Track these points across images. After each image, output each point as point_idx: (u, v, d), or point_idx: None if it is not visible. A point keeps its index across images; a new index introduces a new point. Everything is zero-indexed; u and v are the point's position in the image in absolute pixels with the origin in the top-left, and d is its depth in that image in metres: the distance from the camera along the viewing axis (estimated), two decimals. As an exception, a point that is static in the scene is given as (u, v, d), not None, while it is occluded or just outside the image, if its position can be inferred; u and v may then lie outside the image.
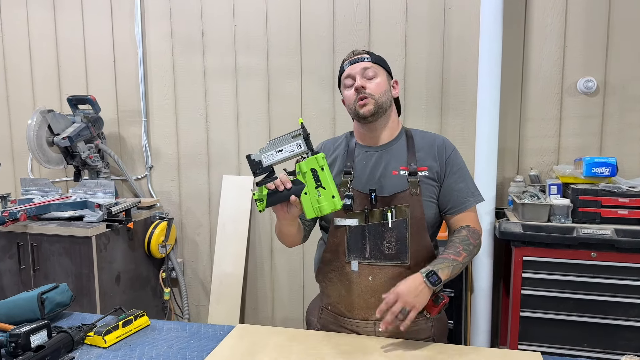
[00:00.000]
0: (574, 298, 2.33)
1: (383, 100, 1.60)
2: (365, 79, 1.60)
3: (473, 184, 1.66)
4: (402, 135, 1.68)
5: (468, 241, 1.55)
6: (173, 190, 3.31)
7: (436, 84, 2.81)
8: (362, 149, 1.67)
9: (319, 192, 1.39)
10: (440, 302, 1.51)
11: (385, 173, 1.61)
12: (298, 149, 1.39)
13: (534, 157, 2.76)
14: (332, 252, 1.64)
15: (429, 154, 1.64)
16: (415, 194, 1.57)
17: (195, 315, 3.36)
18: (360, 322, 1.61)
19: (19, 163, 3.55)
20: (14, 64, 3.47)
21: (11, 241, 2.73)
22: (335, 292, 1.65)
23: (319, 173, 1.38)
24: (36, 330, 1.39)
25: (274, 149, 1.40)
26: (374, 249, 1.58)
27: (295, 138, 1.39)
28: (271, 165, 1.42)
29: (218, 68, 3.13)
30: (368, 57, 1.62)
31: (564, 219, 2.38)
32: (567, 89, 2.68)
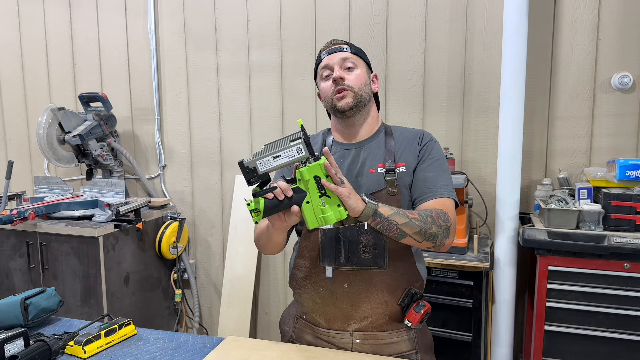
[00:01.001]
0: (604, 312, 2.15)
1: (362, 93, 1.49)
2: (344, 69, 1.49)
3: (446, 179, 1.49)
4: (381, 132, 1.57)
5: (429, 213, 1.38)
6: (186, 190, 3.24)
7: (458, 80, 2.65)
8: (338, 146, 1.56)
9: (323, 201, 1.26)
10: (422, 310, 1.40)
11: (361, 171, 1.50)
12: (298, 154, 1.26)
13: (563, 158, 2.56)
14: (304, 257, 1.53)
15: (407, 149, 1.52)
16: (393, 194, 1.45)
17: (207, 318, 3.29)
18: (337, 333, 1.49)
19: (36, 161, 3.56)
20: (31, 63, 3.48)
21: (21, 240, 2.71)
22: (310, 301, 1.53)
23: (324, 180, 1.26)
24: (12, 338, 1.31)
25: (270, 155, 1.27)
26: (349, 253, 1.46)
27: (294, 142, 1.25)
28: (267, 173, 1.29)
29: (231, 65, 3.04)
30: (347, 47, 1.52)
31: (594, 226, 2.19)
32: (600, 85, 2.48)
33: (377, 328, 1.47)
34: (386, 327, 1.48)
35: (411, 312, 1.42)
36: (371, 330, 1.47)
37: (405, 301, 1.46)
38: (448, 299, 2.32)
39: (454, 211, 1.46)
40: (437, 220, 1.39)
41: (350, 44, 1.55)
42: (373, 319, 1.46)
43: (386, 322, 1.48)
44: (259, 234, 1.53)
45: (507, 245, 2.37)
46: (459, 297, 2.32)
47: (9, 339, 1.30)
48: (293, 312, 1.62)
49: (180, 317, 3.23)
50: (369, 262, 1.45)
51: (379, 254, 1.44)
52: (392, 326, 1.48)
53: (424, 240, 1.37)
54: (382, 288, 1.45)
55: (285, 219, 1.31)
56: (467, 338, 2.32)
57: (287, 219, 1.31)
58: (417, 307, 1.42)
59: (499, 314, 2.42)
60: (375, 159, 1.51)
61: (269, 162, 1.27)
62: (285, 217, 1.31)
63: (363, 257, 1.45)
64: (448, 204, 1.45)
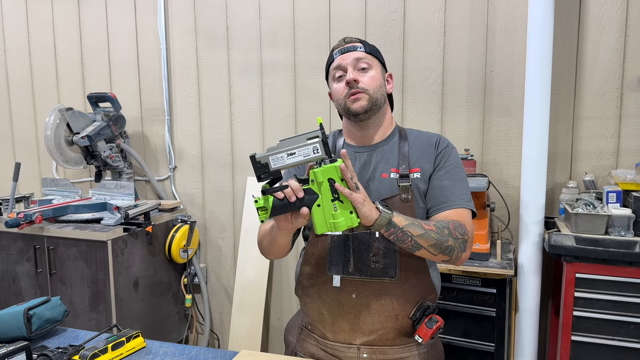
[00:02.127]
0: (634, 322, 2.04)
1: (377, 95, 1.40)
2: (358, 70, 1.41)
3: (463, 188, 1.40)
4: (395, 135, 1.48)
5: (446, 225, 1.30)
6: (197, 192, 3.16)
7: (479, 79, 2.55)
8: (350, 149, 1.47)
9: (335, 206, 1.18)
10: (434, 326, 1.31)
11: (373, 176, 1.41)
12: (314, 154, 1.17)
13: (589, 160, 2.45)
14: (311, 265, 1.44)
15: (422, 154, 1.43)
16: (407, 200, 1.36)
17: (218, 324, 3.21)
18: (343, 346, 1.41)
19: (44, 162, 3.50)
20: (39, 62, 3.42)
21: (28, 244, 2.65)
22: (315, 311, 1.45)
23: (338, 184, 1.17)
24: (12, 353, 1.24)
25: (285, 151, 1.19)
26: (359, 262, 1.37)
27: (311, 140, 1.17)
28: (279, 170, 1.21)
29: (243, 63, 2.96)
30: (361, 46, 1.44)
31: (624, 232, 2.09)
32: (628, 84, 2.37)
33: (385, 342, 1.39)
34: (395, 342, 1.39)
35: (422, 328, 1.34)
36: (379, 345, 1.39)
37: (417, 315, 1.38)
38: (470, 307, 2.22)
39: (471, 223, 1.38)
40: (454, 232, 1.30)
41: (365, 42, 1.46)
42: (382, 332, 1.37)
43: (395, 337, 1.39)
44: (263, 235, 1.44)
45: (531, 251, 2.26)
46: (482, 306, 2.22)
47: (10, 354, 1.23)
48: (298, 322, 1.55)
49: (190, 322, 3.16)
50: (379, 272, 1.36)
51: (390, 263, 1.36)
52: (401, 341, 1.40)
53: (439, 254, 1.29)
54: (392, 300, 1.37)
55: (293, 220, 1.23)
56: (489, 348, 2.22)
57: (295, 220, 1.23)
58: (429, 322, 1.33)
59: (523, 324, 2.31)
60: (388, 163, 1.42)
61: (282, 159, 1.19)
62: (293, 218, 1.22)
63: (373, 266, 1.37)
64: (465, 215, 1.37)
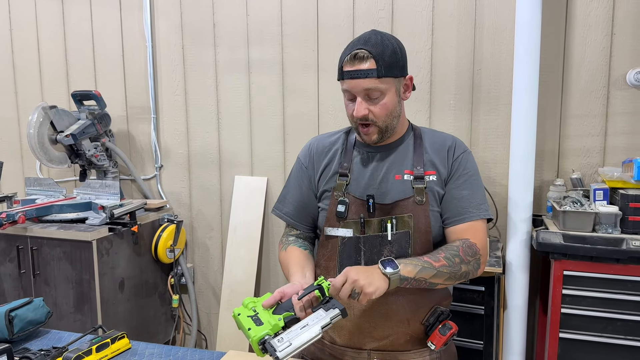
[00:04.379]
0: (622, 319, 2.05)
1: (388, 122, 1.36)
2: (369, 98, 1.33)
3: (481, 196, 1.39)
4: (409, 134, 1.44)
5: (455, 252, 1.29)
6: (183, 191, 3.13)
7: (467, 77, 2.55)
8: (362, 148, 1.44)
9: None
10: (448, 332, 1.30)
11: (386, 177, 1.39)
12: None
13: (576, 158, 2.46)
14: (320, 267, 1.42)
15: (438, 157, 1.40)
16: (421, 203, 1.34)
17: (205, 324, 3.18)
18: (353, 352, 1.38)
19: (28, 162, 3.44)
20: (22, 60, 3.36)
21: (11, 244, 2.60)
22: None
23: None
24: (-7, 356, 1.20)
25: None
26: (370, 265, 1.33)
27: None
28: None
29: (230, 61, 2.93)
30: (374, 70, 1.28)
31: (611, 229, 2.09)
32: (614, 82, 2.38)
33: (396, 348, 1.36)
34: (406, 347, 1.37)
35: (435, 334, 1.31)
36: (390, 350, 1.36)
37: (430, 320, 1.35)
38: (459, 306, 2.22)
39: (484, 234, 1.37)
40: (465, 258, 1.30)
41: (379, 60, 1.29)
42: (393, 338, 1.35)
43: (407, 342, 1.37)
44: (282, 264, 1.44)
45: (519, 249, 2.27)
46: (470, 304, 2.23)
47: (-9, 356, 1.20)
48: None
49: (177, 323, 3.12)
50: None
51: None
52: (413, 346, 1.38)
53: (457, 281, 1.30)
54: (404, 305, 1.34)
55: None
56: (478, 346, 2.23)
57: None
58: (442, 329, 1.31)
59: (511, 321, 2.32)
60: (402, 164, 1.39)
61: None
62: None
63: None
64: (479, 228, 1.36)
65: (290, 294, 1.19)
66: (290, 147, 2.87)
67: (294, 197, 1.50)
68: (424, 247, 1.34)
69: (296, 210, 1.49)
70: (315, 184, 1.47)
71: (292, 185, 1.52)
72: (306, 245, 1.46)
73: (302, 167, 1.50)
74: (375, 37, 1.33)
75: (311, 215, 1.48)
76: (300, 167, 1.51)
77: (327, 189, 1.43)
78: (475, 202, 1.37)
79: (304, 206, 1.48)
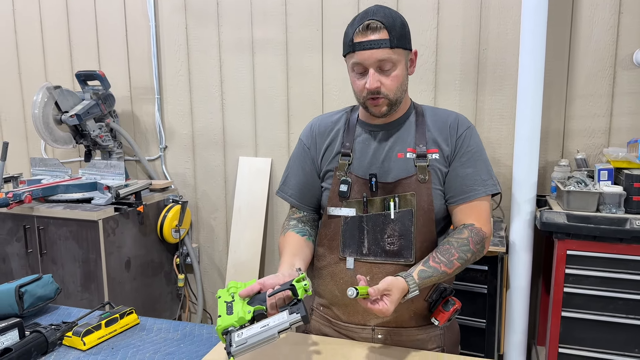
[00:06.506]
0: (624, 298, 2.07)
1: (398, 95, 1.34)
2: (381, 70, 1.30)
3: (487, 171, 1.38)
4: (411, 112, 1.43)
5: (467, 247, 1.31)
6: (188, 172, 3.14)
7: (472, 56, 2.53)
8: (364, 127, 1.43)
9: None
10: (451, 308, 1.31)
11: (389, 155, 1.38)
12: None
13: (581, 139, 2.46)
14: (324, 246, 1.42)
15: (440, 134, 1.39)
16: (424, 181, 1.34)
17: (211, 303, 3.21)
18: (357, 328, 1.40)
19: (32, 142, 3.45)
20: (26, 40, 3.35)
21: (17, 224, 2.62)
22: (328, 293, 1.43)
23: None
24: (6, 329, 1.23)
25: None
26: (373, 244, 1.35)
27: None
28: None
29: (234, 41, 2.91)
30: (387, 40, 1.26)
31: (615, 209, 2.10)
32: (621, 62, 2.36)
33: (400, 324, 1.38)
34: (411, 323, 1.38)
35: (439, 310, 1.32)
36: (394, 326, 1.38)
37: (433, 297, 1.36)
38: (462, 285, 2.23)
39: (489, 212, 1.38)
40: (475, 247, 1.32)
41: (391, 30, 1.27)
42: (397, 314, 1.36)
43: (411, 318, 1.38)
44: (279, 249, 1.45)
45: (523, 228, 2.28)
46: (473, 283, 2.24)
47: (3, 330, 1.22)
48: (309, 303, 1.52)
49: (183, 302, 3.16)
50: (394, 255, 1.34)
51: (406, 245, 1.34)
52: (417, 322, 1.39)
53: (465, 267, 1.34)
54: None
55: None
56: (481, 325, 2.25)
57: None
58: (445, 305, 1.32)
59: (514, 300, 2.33)
60: (404, 142, 1.38)
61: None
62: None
63: (388, 248, 1.35)
64: (484, 207, 1.37)
65: (270, 286, 1.19)
66: (295, 128, 2.87)
67: (297, 178, 1.50)
68: (427, 226, 1.35)
69: (300, 192, 1.49)
70: (318, 164, 1.46)
71: (294, 166, 1.51)
72: (306, 230, 1.46)
73: (304, 148, 1.49)
74: (382, 9, 1.31)
75: (315, 196, 1.48)
76: (302, 148, 1.50)
77: (330, 169, 1.43)
78: (480, 179, 1.36)
79: (308, 187, 1.48)
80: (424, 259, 1.30)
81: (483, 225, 1.35)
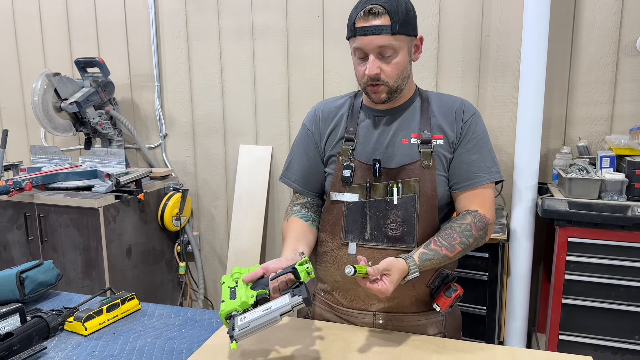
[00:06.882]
0: (625, 285, 2.07)
1: (399, 83, 1.32)
2: (381, 56, 1.28)
3: (491, 159, 1.38)
4: (416, 98, 1.42)
5: (469, 232, 1.31)
6: (188, 160, 3.13)
7: (474, 43, 2.51)
8: (368, 112, 1.42)
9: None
10: (453, 294, 1.31)
11: (393, 141, 1.37)
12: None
13: (583, 126, 2.45)
14: (326, 231, 1.42)
15: (445, 120, 1.38)
16: (428, 167, 1.33)
17: (212, 291, 3.22)
18: (359, 313, 1.40)
19: (32, 130, 3.44)
20: (24, 27, 3.32)
21: (18, 211, 2.62)
22: (330, 278, 1.43)
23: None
24: (7, 314, 1.23)
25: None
26: (376, 229, 1.35)
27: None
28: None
29: (234, 27, 2.89)
30: (388, 26, 1.24)
31: (617, 196, 2.09)
32: (624, 48, 2.34)
33: (402, 310, 1.38)
34: (412, 309, 1.38)
35: (441, 296, 1.33)
36: (396, 312, 1.38)
37: (435, 283, 1.36)
38: (463, 272, 2.23)
39: (492, 200, 1.38)
40: (477, 233, 1.32)
41: (393, 15, 1.24)
42: (398, 300, 1.36)
43: (412, 304, 1.38)
44: (282, 235, 1.44)
45: (524, 216, 2.27)
46: (474, 270, 2.24)
47: (4, 315, 1.22)
48: (310, 288, 1.52)
49: (184, 289, 3.17)
50: (397, 240, 1.34)
51: (408, 231, 1.33)
52: (418, 308, 1.39)
53: (467, 252, 1.34)
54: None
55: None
56: (481, 312, 2.25)
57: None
58: (447, 291, 1.32)
59: (515, 287, 2.34)
60: (409, 128, 1.37)
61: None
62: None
63: (390, 234, 1.34)
64: (488, 194, 1.37)
65: (273, 270, 1.18)
66: (295, 116, 2.86)
67: (301, 164, 1.49)
68: (430, 212, 1.34)
69: (303, 177, 1.48)
70: (321, 149, 1.46)
71: (298, 151, 1.50)
72: (309, 216, 1.45)
73: (307, 133, 1.49)
74: None
75: (318, 181, 1.48)
76: (306, 133, 1.49)
77: (333, 154, 1.42)
78: (485, 166, 1.36)
79: (311, 173, 1.48)
80: (426, 242, 1.30)
81: (487, 212, 1.35)
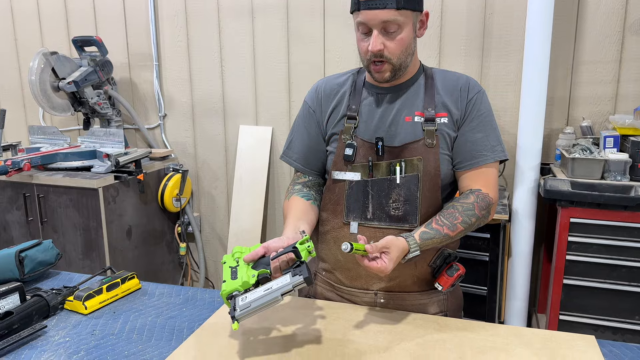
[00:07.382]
0: (627, 266, 2.07)
1: (402, 60, 1.28)
2: (385, 32, 1.24)
3: (496, 137, 1.35)
4: (420, 75, 1.38)
5: (472, 212, 1.29)
6: (188, 141, 3.11)
7: (478, 22, 2.47)
8: (371, 90, 1.39)
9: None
10: (455, 274, 1.30)
11: (396, 119, 1.34)
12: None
13: (587, 106, 2.42)
14: (328, 211, 1.40)
15: (450, 98, 1.34)
16: (431, 146, 1.31)
17: (213, 271, 3.23)
18: (360, 292, 1.39)
19: (30, 110, 3.41)
20: (20, 6, 3.27)
21: (17, 192, 2.61)
22: (331, 257, 1.42)
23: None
24: (6, 293, 1.22)
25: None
26: (378, 208, 1.33)
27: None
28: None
29: (233, 6, 2.84)
30: (393, 0, 1.20)
31: (620, 177, 2.08)
32: (630, 27, 2.31)
33: (403, 289, 1.37)
34: (413, 288, 1.38)
35: (443, 275, 1.31)
36: (397, 291, 1.37)
37: (437, 262, 1.35)
38: (464, 252, 2.23)
39: (496, 179, 1.36)
40: (480, 212, 1.30)
41: None
42: (400, 280, 1.35)
43: (414, 283, 1.37)
44: (283, 214, 1.42)
45: (526, 196, 2.26)
46: (475, 250, 2.24)
47: (4, 293, 1.21)
48: (312, 268, 1.51)
49: (185, 270, 3.17)
50: (399, 220, 1.32)
51: (411, 210, 1.32)
52: (419, 287, 1.38)
53: (470, 231, 1.32)
54: None
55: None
56: (482, 292, 2.25)
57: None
58: (449, 270, 1.31)
59: (516, 268, 2.33)
60: (412, 106, 1.34)
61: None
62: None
63: (393, 213, 1.32)
64: (492, 173, 1.35)
65: (274, 249, 1.17)
66: (296, 96, 2.83)
67: (302, 142, 1.46)
68: (432, 191, 1.33)
69: (304, 156, 1.46)
70: (323, 127, 1.43)
71: (299, 130, 1.48)
72: (310, 194, 1.43)
73: (309, 111, 1.46)
74: None
75: (320, 160, 1.46)
76: (307, 111, 1.46)
77: (335, 132, 1.40)
78: (490, 145, 1.34)
79: (313, 151, 1.45)
80: (428, 221, 1.28)
81: (490, 191, 1.33)
